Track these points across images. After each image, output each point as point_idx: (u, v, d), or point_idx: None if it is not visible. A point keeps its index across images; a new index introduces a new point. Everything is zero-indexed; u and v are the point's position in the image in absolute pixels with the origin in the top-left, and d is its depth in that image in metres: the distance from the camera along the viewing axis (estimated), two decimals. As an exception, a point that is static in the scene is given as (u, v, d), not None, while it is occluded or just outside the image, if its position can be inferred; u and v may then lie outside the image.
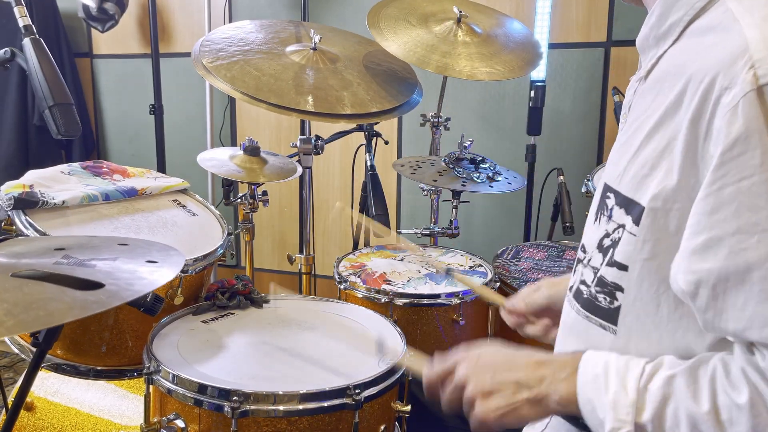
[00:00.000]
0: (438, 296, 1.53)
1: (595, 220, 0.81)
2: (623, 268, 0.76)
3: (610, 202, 0.78)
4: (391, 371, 1.07)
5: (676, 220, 0.70)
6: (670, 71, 0.74)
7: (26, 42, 1.16)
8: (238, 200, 1.71)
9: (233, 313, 1.31)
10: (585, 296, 0.82)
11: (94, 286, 0.72)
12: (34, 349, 1.24)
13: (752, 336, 0.64)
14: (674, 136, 0.70)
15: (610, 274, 0.78)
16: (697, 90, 0.67)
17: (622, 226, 0.75)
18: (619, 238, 0.76)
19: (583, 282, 0.83)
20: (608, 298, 0.79)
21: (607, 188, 0.79)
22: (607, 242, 0.79)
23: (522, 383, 0.78)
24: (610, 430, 0.70)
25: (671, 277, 0.70)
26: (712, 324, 0.68)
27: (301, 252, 1.93)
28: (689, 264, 0.67)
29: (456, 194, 1.90)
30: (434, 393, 0.89)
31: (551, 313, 1.05)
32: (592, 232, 0.82)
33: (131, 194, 1.45)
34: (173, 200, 1.54)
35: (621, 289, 0.77)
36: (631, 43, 0.89)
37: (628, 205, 0.75)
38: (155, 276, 0.81)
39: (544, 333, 1.07)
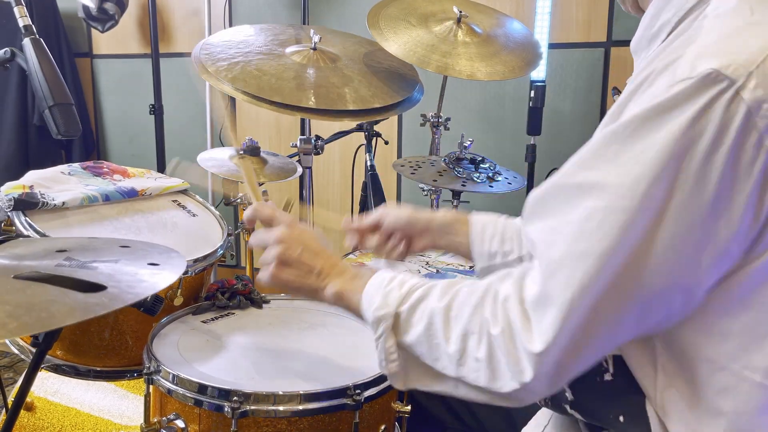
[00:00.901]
0: (438, 296, 1.53)
1: None
2: None
3: None
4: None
5: None
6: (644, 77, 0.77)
7: (26, 42, 1.16)
8: (238, 200, 1.71)
9: (233, 313, 1.31)
10: None
11: (97, 288, 0.72)
12: (33, 350, 1.25)
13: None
14: None
15: None
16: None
17: None
18: None
19: None
20: None
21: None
22: None
23: (315, 271, 0.90)
24: (376, 308, 0.82)
25: None
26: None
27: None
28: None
29: (456, 194, 1.90)
30: (250, 223, 1.01)
31: (405, 231, 1.14)
32: None
33: (131, 195, 1.45)
34: (173, 201, 1.54)
35: None
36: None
37: None
38: (157, 279, 0.81)
39: (386, 247, 1.17)
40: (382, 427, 1.07)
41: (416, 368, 0.82)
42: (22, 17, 1.17)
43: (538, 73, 2.37)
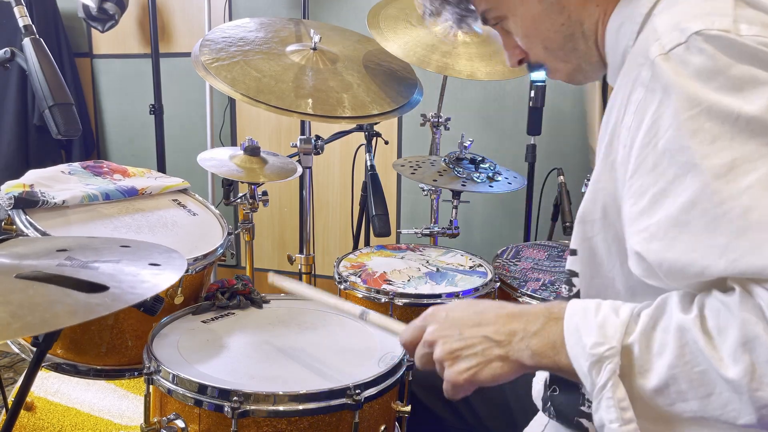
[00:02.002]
0: (439, 296, 1.53)
1: None
2: (574, 253, 0.83)
3: None
4: (391, 371, 1.07)
5: (602, 198, 0.77)
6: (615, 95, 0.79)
7: (26, 42, 1.16)
8: (238, 200, 1.71)
9: (233, 313, 1.31)
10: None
11: (99, 288, 0.72)
12: (34, 349, 1.25)
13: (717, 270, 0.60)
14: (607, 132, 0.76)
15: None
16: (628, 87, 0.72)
17: None
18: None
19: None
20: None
21: None
22: None
23: (492, 339, 0.73)
24: (592, 345, 0.65)
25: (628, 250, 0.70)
26: (673, 271, 0.64)
27: (301, 252, 1.93)
28: (639, 224, 0.67)
29: (456, 194, 1.90)
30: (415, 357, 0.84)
31: None
32: None
33: (131, 194, 1.45)
34: (173, 200, 1.54)
35: (576, 275, 0.83)
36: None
37: None
38: (158, 279, 0.81)
39: None
40: (382, 427, 1.08)
41: (662, 423, 0.65)
42: (22, 17, 1.17)
43: (538, 73, 2.37)
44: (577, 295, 0.81)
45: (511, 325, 0.73)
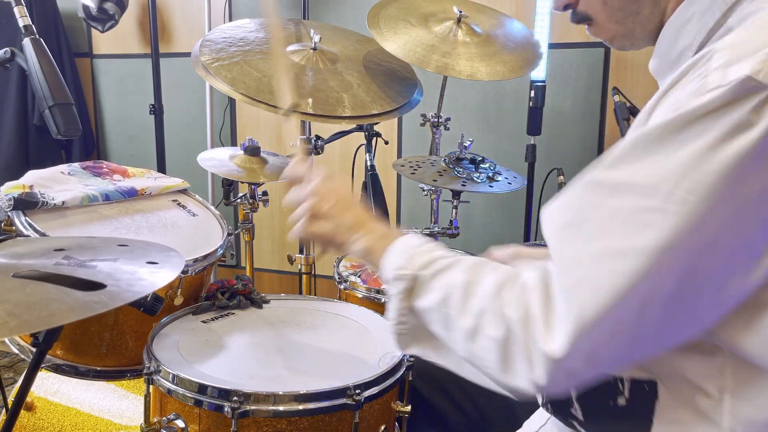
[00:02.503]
0: (438, 296, 1.53)
1: None
2: None
3: None
4: (391, 371, 1.07)
5: None
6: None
7: (26, 42, 1.16)
8: (238, 200, 1.71)
9: (233, 313, 1.31)
10: None
11: (96, 286, 0.72)
12: (33, 350, 1.24)
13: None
14: None
15: None
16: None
17: None
18: None
19: None
20: None
21: None
22: None
23: (346, 225, 0.89)
24: (396, 267, 0.81)
25: None
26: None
27: (301, 252, 1.93)
28: None
29: (456, 194, 1.90)
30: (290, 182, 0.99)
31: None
32: None
33: (131, 194, 1.45)
34: (173, 200, 1.54)
35: None
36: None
37: None
38: (156, 277, 0.81)
39: None
40: (382, 427, 1.07)
41: (424, 336, 0.82)
42: (22, 17, 1.17)
43: (538, 73, 2.37)
44: None
45: (367, 224, 0.90)
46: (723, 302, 0.66)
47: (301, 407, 0.98)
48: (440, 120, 2.10)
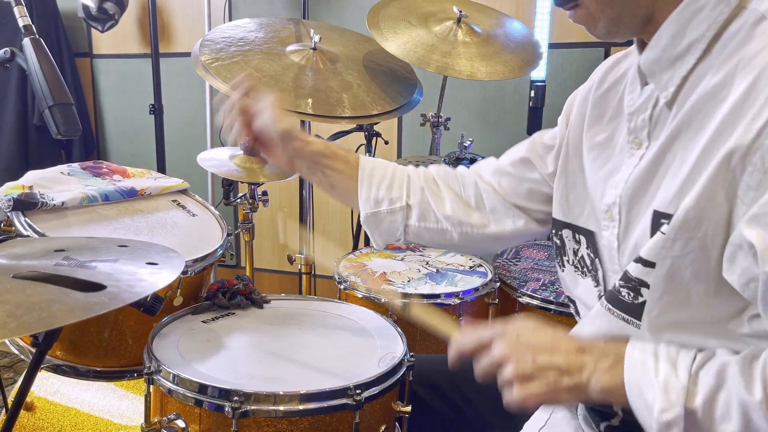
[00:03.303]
0: (438, 296, 1.53)
1: None
2: (649, 264, 0.76)
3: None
4: (391, 371, 1.07)
5: (706, 223, 0.71)
6: (705, 91, 0.73)
7: (26, 42, 1.15)
8: (238, 200, 1.71)
9: (233, 313, 1.31)
10: (610, 289, 0.82)
11: (96, 287, 0.72)
12: (33, 350, 1.24)
13: None
14: (723, 149, 0.69)
15: (635, 270, 0.78)
16: (759, 96, 0.66)
17: None
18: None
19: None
20: (632, 293, 0.79)
21: (659, 215, 0.77)
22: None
23: (563, 370, 0.77)
24: (660, 411, 0.70)
25: (724, 271, 0.70)
26: None
27: (301, 252, 1.93)
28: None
29: (456, 194, 1.89)
30: (460, 360, 0.87)
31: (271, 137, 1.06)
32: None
33: (131, 195, 1.45)
34: (173, 201, 1.53)
35: (646, 285, 0.77)
36: (632, 43, 0.90)
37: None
38: (156, 278, 0.81)
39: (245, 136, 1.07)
40: (383, 428, 1.07)
41: None
42: (21, 17, 1.17)
43: (538, 73, 2.37)
44: (642, 306, 0.78)
45: (582, 358, 0.78)
46: None
47: (301, 407, 0.98)
48: (440, 120, 2.10)
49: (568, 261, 0.97)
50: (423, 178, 1.14)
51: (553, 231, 1.01)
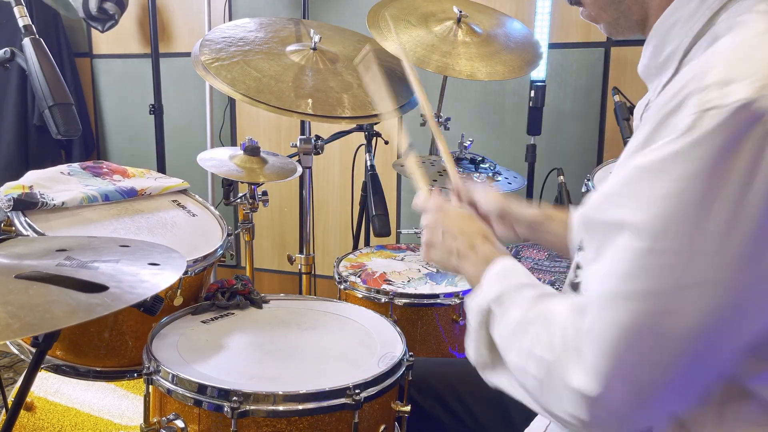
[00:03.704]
0: (438, 296, 1.53)
1: None
2: (580, 249, 0.85)
3: None
4: (390, 371, 1.07)
5: None
6: (657, 103, 0.74)
7: (26, 42, 1.15)
8: (238, 200, 1.71)
9: (233, 314, 1.31)
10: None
11: (98, 288, 0.72)
12: (33, 350, 1.24)
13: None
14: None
15: (577, 256, 0.86)
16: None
17: None
18: None
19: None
20: (575, 275, 0.88)
21: None
22: None
23: (454, 252, 0.96)
24: (479, 299, 0.84)
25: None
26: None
27: (301, 252, 1.93)
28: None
29: (456, 194, 1.89)
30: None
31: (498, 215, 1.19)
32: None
33: (131, 195, 1.45)
34: (173, 201, 1.54)
35: (580, 267, 0.86)
36: (632, 43, 0.91)
37: None
38: (158, 279, 0.81)
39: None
40: (382, 427, 1.07)
41: (500, 365, 0.83)
42: (21, 17, 1.17)
43: (538, 73, 2.37)
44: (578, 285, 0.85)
45: (472, 250, 0.95)
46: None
47: (300, 407, 0.98)
48: (440, 120, 2.10)
49: None
50: None
51: None
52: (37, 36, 1.16)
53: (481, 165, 1.91)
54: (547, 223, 1.17)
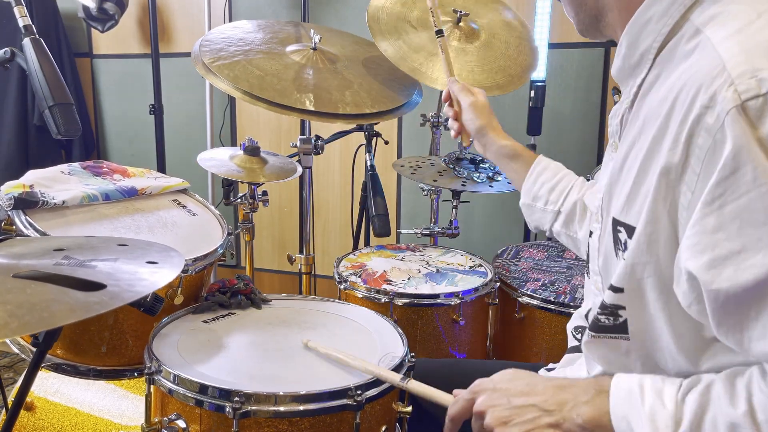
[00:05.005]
0: (438, 296, 1.53)
1: (616, 257, 0.80)
2: (619, 290, 0.77)
3: (623, 236, 0.78)
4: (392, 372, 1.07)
5: (656, 246, 0.72)
6: (652, 103, 0.76)
7: (26, 42, 1.15)
8: (238, 200, 1.71)
9: (234, 313, 1.31)
10: (592, 319, 0.83)
11: (96, 287, 0.72)
12: (33, 349, 1.24)
13: None
14: (657, 166, 0.71)
15: (609, 297, 0.79)
16: (677, 115, 0.68)
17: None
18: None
19: (593, 308, 0.85)
20: (611, 318, 0.80)
21: (616, 222, 0.79)
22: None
23: (541, 408, 0.77)
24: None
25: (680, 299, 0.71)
26: (735, 341, 0.67)
27: (301, 252, 1.93)
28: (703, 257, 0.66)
29: (456, 194, 1.90)
30: (458, 426, 0.88)
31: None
32: (612, 265, 0.82)
33: (131, 194, 1.45)
34: (173, 200, 1.53)
35: (623, 307, 0.79)
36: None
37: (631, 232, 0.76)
38: (156, 277, 0.81)
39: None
40: (383, 428, 1.07)
41: None
42: (22, 17, 1.17)
43: (538, 73, 2.37)
44: (625, 325, 0.79)
45: (561, 395, 0.77)
46: None
47: (302, 408, 0.98)
48: (440, 120, 2.10)
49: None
50: (581, 193, 1.23)
51: None
52: (37, 36, 1.16)
53: (481, 165, 1.91)
54: (513, 159, 1.29)
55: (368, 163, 1.77)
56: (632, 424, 0.71)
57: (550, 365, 1.16)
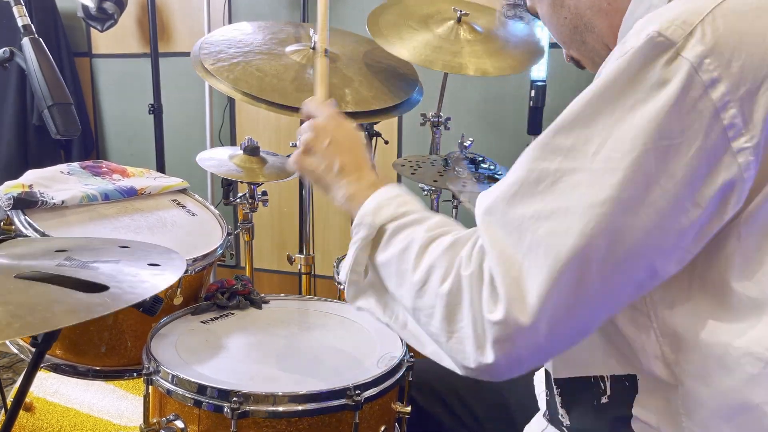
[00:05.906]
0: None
1: None
2: None
3: None
4: (391, 372, 1.07)
5: None
6: None
7: (25, 41, 1.15)
8: (238, 200, 1.71)
9: (233, 314, 1.31)
10: None
11: (99, 288, 0.72)
12: (32, 350, 1.24)
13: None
14: None
15: None
16: None
17: None
18: None
19: None
20: None
21: None
22: None
23: (336, 165, 0.89)
24: (363, 214, 0.81)
25: None
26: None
27: (300, 252, 1.93)
28: None
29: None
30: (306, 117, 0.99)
31: None
32: None
33: (131, 194, 1.45)
34: (173, 200, 1.53)
35: None
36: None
37: None
38: (158, 279, 0.81)
39: None
40: (382, 428, 1.07)
41: (375, 288, 0.82)
42: (21, 17, 1.17)
43: (539, 73, 2.37)
44: None
45: (359, 171, 0.89)
46: (657, 264, 0.66)
47: (300, 408, 0.98)
48: (440, 120, 2.09)
49: None
50: None
51: None
52: (36, 36, 1.16)
53: (482, 165, 1.90)
54: None
55: (368, 163, 1.77)
56: (368, 206, 0.82)
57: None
